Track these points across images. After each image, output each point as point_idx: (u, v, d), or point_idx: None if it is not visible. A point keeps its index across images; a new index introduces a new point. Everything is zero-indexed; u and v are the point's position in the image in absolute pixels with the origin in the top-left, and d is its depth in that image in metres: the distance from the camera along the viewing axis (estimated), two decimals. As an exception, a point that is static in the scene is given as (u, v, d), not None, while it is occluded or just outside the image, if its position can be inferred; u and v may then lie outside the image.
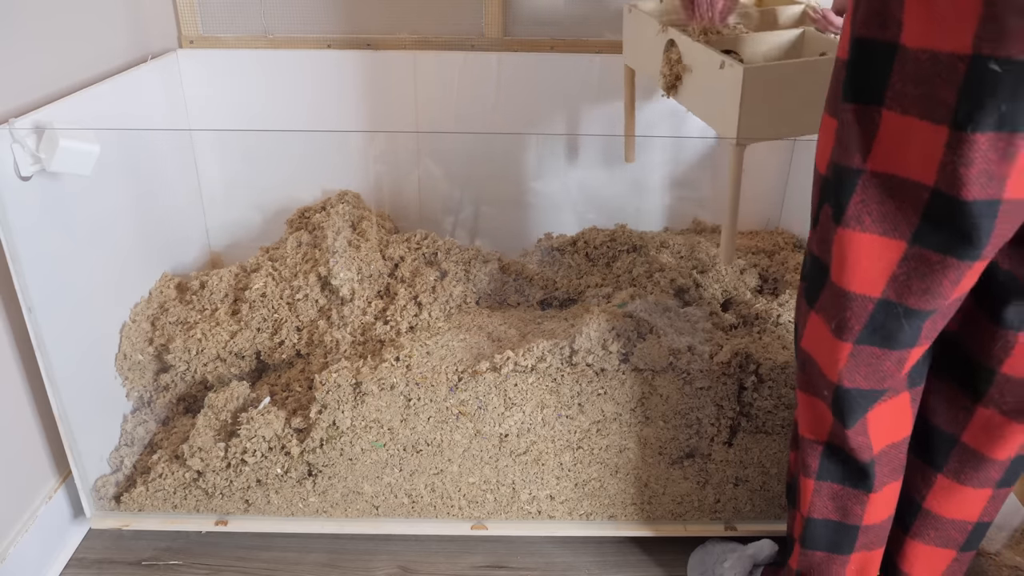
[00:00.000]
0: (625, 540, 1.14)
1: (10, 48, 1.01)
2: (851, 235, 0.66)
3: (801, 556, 0.87)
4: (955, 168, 0.58)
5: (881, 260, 0.66)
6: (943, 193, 0.59)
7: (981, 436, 0.78)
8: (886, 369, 0.71)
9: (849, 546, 0.84)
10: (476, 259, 1.34)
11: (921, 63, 0.58)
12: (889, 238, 0.65)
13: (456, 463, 1.10)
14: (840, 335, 0.71)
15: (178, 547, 1.12)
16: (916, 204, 0.62)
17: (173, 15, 1.43)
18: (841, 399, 0.74)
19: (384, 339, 1.18)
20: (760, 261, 1.40)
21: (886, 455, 0.79)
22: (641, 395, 1.07)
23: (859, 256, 0.67)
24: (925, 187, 0.61)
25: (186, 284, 1.32)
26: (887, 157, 0.63)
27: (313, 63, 1.45)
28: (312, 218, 1.40)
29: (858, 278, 0.68)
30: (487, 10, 1.41)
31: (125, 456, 1.16)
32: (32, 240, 0.97)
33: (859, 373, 0.72)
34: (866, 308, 0.68)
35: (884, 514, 0.83)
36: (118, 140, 1.16)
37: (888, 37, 0.59)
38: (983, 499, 0.82)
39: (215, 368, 1.21)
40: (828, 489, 0.82)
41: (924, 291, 0.65)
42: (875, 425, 0.76)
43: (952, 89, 0.56)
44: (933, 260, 0.63)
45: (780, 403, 1.08)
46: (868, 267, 0.67)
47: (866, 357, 0.71)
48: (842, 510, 0.82)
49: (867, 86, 0.62)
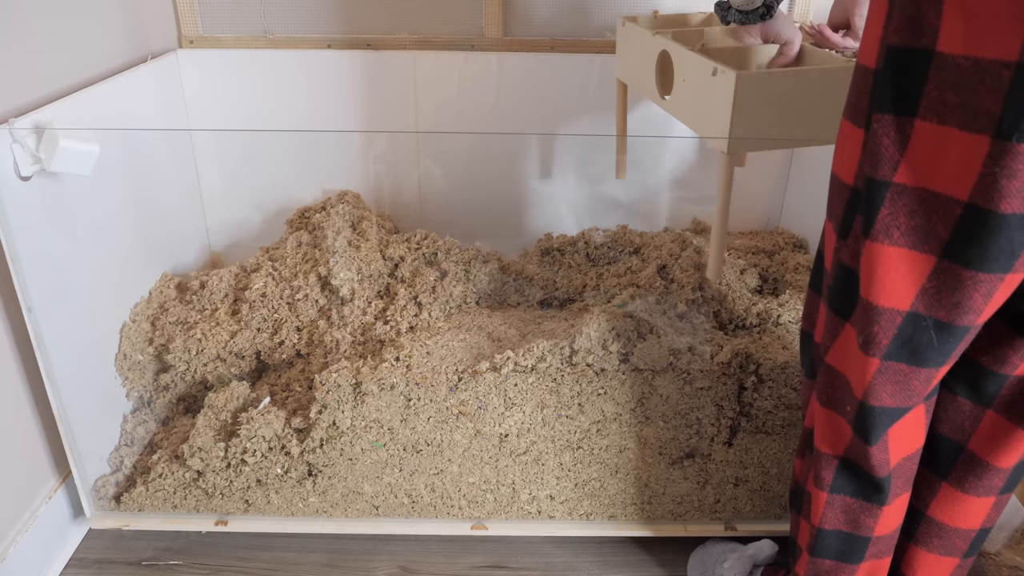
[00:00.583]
0: (625, 540, 1.14)
1: (10, 48, 1.01)
2: (880, 248, 0.65)
3: (810, 564, 0.87)
4: (996, 180, 0.56)
5: (911, 273, 0.65)
6: (978, 207, 0.58)
7: (988, 444, 0.78)
8: (913, 387, 0.70)
9: (859, 556, 0.83)
10: (476, 259, 1.34)
11: (962, 71, 0.56)
12: (919, 252, 0.63)
13: (456, 463, 1.10)
14: (867, 350, 0.69)
15: (178, 547, 1.12)
16: (948, 218, 0.61)
17: (173, 15, 1.43)
18: (866, 417, 0.73)
19: (384, 339, 1.18)
20: (760, 261, 1.40)
21: (901, 468, 0.78)
22: (641, 395, 1.07)
23: (888, 270, 0.65)
24: (958, 201, 0.59)
25: (186, 284, 1.32)
26: (918, 169, 0.61)
27: (313, 63, 1.45)
28: (312, 218, 1.40)
29: (887, 292, 0.66)
30: (487, 10, 1.41)
31: (125, 456, 1.16)
32: (32, 240, 0.97)
33: (885, 391, 0.71)
34: (894, 322, 0.67)
35: (894, 524, 0.82)
36: (118, 140, 1.16)
37: (923, 44, 0.58)
38: (987, 507, 0.81)
39: (215, 368, 1.21)
40: (841, 502, 0.81)
41: (955, 305, 0.63)
42: (895, 441, 0.75)
43: (997, 97, 0.55)
44: (964, 275, 0.62)
45: (780, 404, 1.09)
46: (897, 281, 0.65)
47: (893, 374, 0.70)
48: (854, 523, 0.81)
49: (899, 96, 0.61)
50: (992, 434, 0.77)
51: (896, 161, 0.62)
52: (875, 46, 0.64)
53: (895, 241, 0.64)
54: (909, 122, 0.61)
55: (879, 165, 0.63)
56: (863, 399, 0.72)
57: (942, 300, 0.64)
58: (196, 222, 1.53)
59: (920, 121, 0.60)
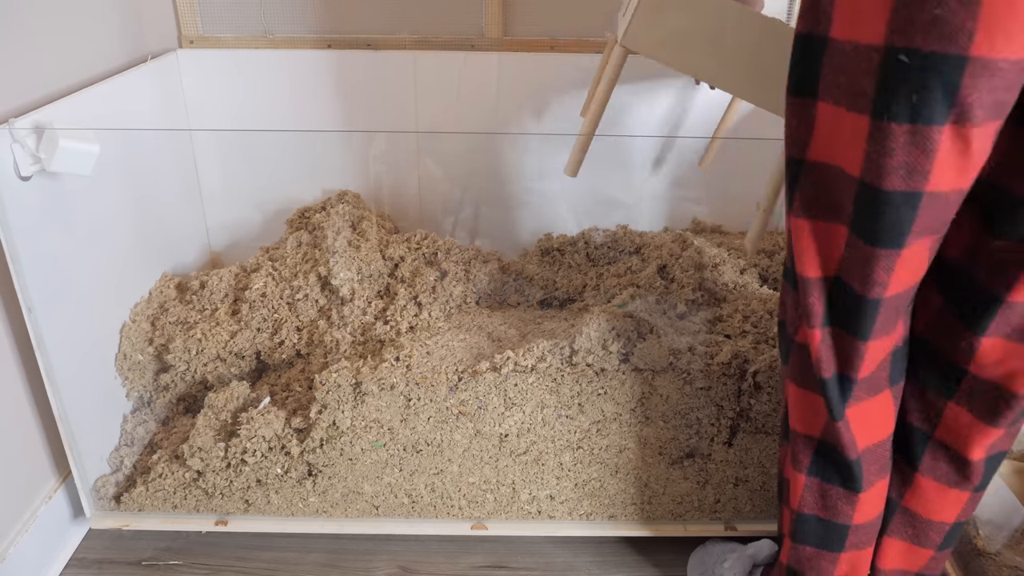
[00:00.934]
0: (625, 540, 1.14)
1: (10, 48, 1.01)
2: (802, 223, 0.70)
3: (792, 550, 0.88)
4: (878, 158, 0.60)
5: (828, 246, 0.69)
6: (867, 184, 0.62)
7: (952, 435, 0.79)
8: (850, 358, 0.73)
9: (839, 544, 0.84)
10: (476, 259, 1.34)
11: (847, 55, 0.60)
12: (834, 223, 0.68)
13: (456, 463, 1.10)
14: (809, 322, 0.73)
15: (178, 547, 1.12)
16: (849, 194, 0.64)
17: (173, 15, 1.43)
18: (823, 390, 0.76)
19: (384, 339, 1.18)
20: (760, 261, 1.40)
21: (871, 453, 0.79)
22: (641, 395, 1.07)
23: (811, 241, 0.70)
24: (854, 179, 0.63)
25: (186, 284, 1.32)
26: (823, 147, 0.66)
27: (313, 63, 1.45)
28: (312, 218, 1.40)
29: (813, 263, 0.71)
30: (487, 10, 1.41)
31: (125, 456, 1.16)
32: (32, 240, 0.97)
33: (831, 360, 0.74)
34: (823, 290, 0.71)
35: (873, 513, 0.83)
36: (118, 140, 1.16)
37: (820, 31, 0.62)
38: (962, 500, 0.82)
39: (215, 368, 1.21)
40: (818, 486, 0.83)
41: (864, 278, 0.67)
42: (857, 423, 0.77)
43: (871, 79, 0.58)
44: (867, 251, 0.65)
45: (779, 406, 1.08)
46: (821, 251, 0.70)
47: (832, 340, 0.73)
48: (832, 509, 0.83)
49: (805, 79, 0.65)
50: (955, 425, 0.79)
51: (805, 141, 0.67)
52: None
53: (815, 215, 0.69)
54: (813, 103, 0.65)
55: (795, 143, 0.68)
56: (818, 372, 0.75)
57: (853, 272, 0.68)
58: (196, 222, 1.53)
59: (821, 103, 0.64)
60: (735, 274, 1.33)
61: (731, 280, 1.31)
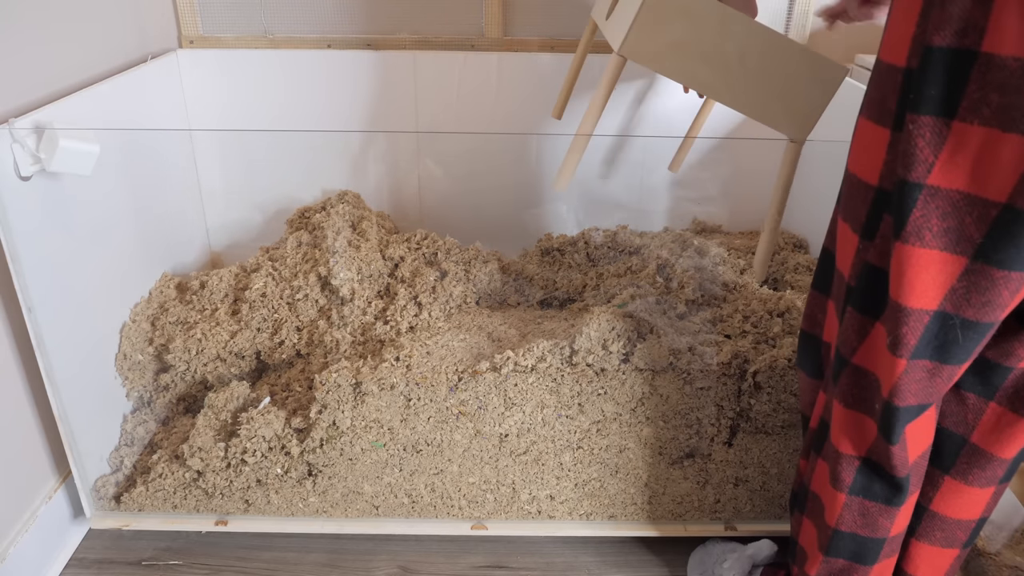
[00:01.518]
0: (625, 540, 1.14)
1: (10, 48, 1.01)
2: (910, 251, 0.65)
3: (823, 563, 0.87)
4: None
5: (940, 275, 0.65)
6: (1016, 208, 0.58)
7: (991, 435, 0.78)
8: (936, 385, 0.70)
9: (873, 557, 0.83)
10: (476, 259, 1.34)
11: (1010, 72, 0.56)
12: (949, 254, 0.64)
13: (456, 463, 1.10)
14: (895, 351, 0.69)
15: (178, 547, 1.12)
16: (982, 220, 0.61)
17: (173, 15, 1.43)
18: (890, 416, 0.73)
19: (384, 339, 1.18)
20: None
21: (916, 466, 0.78)
22: (641, 395, 1.07)
23: (918, 271, 0.65)
24: (995, 203, 0.59)
25: (186, 284, 1.32)
26: (953, 171, 0.61)
27: (313, 63, 1.45)
28: (312, 218, 1.40)
29: (916, 293, 0.66)
30: (487, 10, 1.41)
31: (125, 456, 1.16)
32: (32, 240, 0.97)
33: (911, 390, 0.71)
34: (922, 322, 0.67)
35: (906, 522, 0.83)
36: (118, 140, 1.16)
37: (967, 44, 0.57)
38: (987, 496, 0.82)
39: (215, 368, 1.21)
40: (860, 505, 0.81)
41: (984, 304, 0.64)
42: (912, 439, 0.76)
43: None
44: (996, 275, 0.62)
45: (780, 407, 1.08)
46: (927, 282, 0.65)
47: (918, 372, 0.70)
48: (871, 525, 0.81)
49: (939, 97, 0.60)
50: (995, 426, 0.78)
51: (930, 163, 0.62)
52: (906, 44, 0.63)
53: (926, 243, 0.64)
54: (946, 124, 0.60)
55: (912, 167, 0.63)
56: (889, 399, 0.72)
57: (971, 300, 0.64)
58: (196, 222, 1.53)
59: (958, 123, 0.59)
60: (735, 274, 1.33)
61: (731, 280, 1.31)
